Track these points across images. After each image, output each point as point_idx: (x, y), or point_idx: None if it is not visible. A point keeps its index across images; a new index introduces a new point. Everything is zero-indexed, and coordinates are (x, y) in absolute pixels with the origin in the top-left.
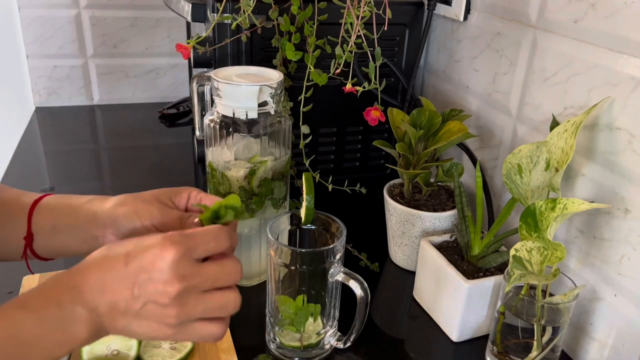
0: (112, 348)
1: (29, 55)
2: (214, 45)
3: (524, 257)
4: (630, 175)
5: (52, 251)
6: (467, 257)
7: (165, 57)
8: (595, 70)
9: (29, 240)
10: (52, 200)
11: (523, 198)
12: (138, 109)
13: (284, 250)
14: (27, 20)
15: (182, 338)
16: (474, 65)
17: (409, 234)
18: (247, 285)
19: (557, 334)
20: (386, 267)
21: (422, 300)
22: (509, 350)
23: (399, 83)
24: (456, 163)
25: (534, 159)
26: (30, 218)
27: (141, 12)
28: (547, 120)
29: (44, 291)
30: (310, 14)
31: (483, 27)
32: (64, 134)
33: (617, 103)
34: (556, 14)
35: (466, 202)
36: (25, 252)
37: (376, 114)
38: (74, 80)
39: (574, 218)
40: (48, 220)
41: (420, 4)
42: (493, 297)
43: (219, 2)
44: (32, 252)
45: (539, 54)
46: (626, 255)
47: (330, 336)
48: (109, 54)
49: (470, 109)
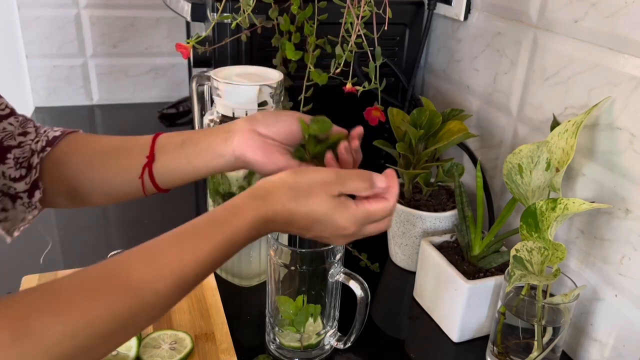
0: None
1: (28, 55)
2: (213, 45)
3: (524, 257)
4: (631, 175)
5: (172, 171)
6: (468, 257)
7: (164, 57)
8: (595, 70)
9: (151, 159)
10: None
11: (524, 198)
12: (137, 109)
13: (284, 250)
14: (26, 20)
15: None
16: (474, 65)
17: (410, 234)
18: (247, 286)
19: (557, 335)
20: (386, 268)
21: (423, 300)
22: (510, 351)
23: (399, 83)
24: (456, 163)
25: (534, 159)
26: (154, 140)
27: (141, 12)
28: (548, 120)
29: (246, 223)
30: (310, 14)
31: (483, 26)
32: None
33: (617, 103)
34: (557, 13)
35: (467, 202)
36: (143, 174)
37: (376, 113)
38: (74, 80)
39: (575, 218)
40: (177, 137)
41: (420, 4)
42: (493, 298)
43: (218, 2)
44: (150, 175)
45: (540, 54)
46: (627, 256)
47: (330, 337)
48: (108, 53)
49: (470, 109)
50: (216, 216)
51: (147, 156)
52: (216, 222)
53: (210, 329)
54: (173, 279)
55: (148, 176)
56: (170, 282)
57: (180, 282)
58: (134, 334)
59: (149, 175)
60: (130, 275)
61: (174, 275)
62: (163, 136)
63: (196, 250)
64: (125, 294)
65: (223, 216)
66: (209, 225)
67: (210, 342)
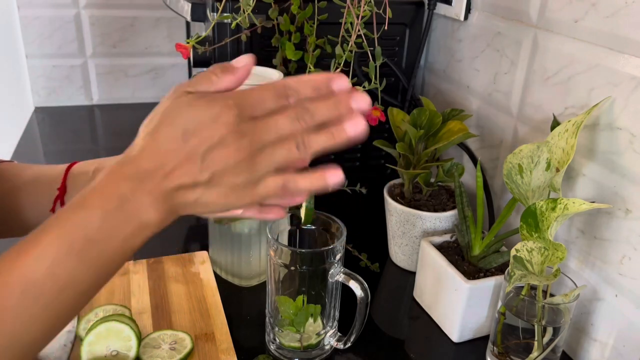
0: (112, 349)
1: (28, 55)
2: (213, 44)
3: (524, 257)
4: (631, 175)
5: None
6: (468, 257)
7: (164, 57)
8: (596, 70)
9: (62, 191)
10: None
11: (524, 198)
12: (137, 109)
13: (284, 250)
14: (26, 20)
15: (255, 194)
16: (474, 64)
17: (409, 234)
18: (246, 286)
19: (557, 335)
20: (386, 268)
21: (423, 300)
22: (510, 351)
23: (399, 83)
24: (457, 163)
25: (534, 159)
26: (68, 170)
27: (141, 12)
28: (548, 120)
29: (101, 188)
30: (310, 14)
31: (484, 26)
32: (63, 134)
33: (617, 103)
34: (557, 13)
35: (467, 202)
36: (54, 206)
37: (376, 113)
38: (74, 80)
39: (575, 218)
40: (91, 166)
41: (420, 4)
42: (493, 298)
43: (218, 2)
44: (62, 204)
45: (540, 54)
46: (627, 256)
47: (330, 337)
48: (108, 53)
49: (470, 109)
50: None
51: (59, 188)
52: (63, 211)
53: (210, 329)
54: (20, 288)
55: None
56: (18, 292)
57: (30, 290)
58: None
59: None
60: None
61: (20, 285)
62: (77, 165)
63: (40, 248)
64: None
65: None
66: (55, 216)
67: (210, 342)
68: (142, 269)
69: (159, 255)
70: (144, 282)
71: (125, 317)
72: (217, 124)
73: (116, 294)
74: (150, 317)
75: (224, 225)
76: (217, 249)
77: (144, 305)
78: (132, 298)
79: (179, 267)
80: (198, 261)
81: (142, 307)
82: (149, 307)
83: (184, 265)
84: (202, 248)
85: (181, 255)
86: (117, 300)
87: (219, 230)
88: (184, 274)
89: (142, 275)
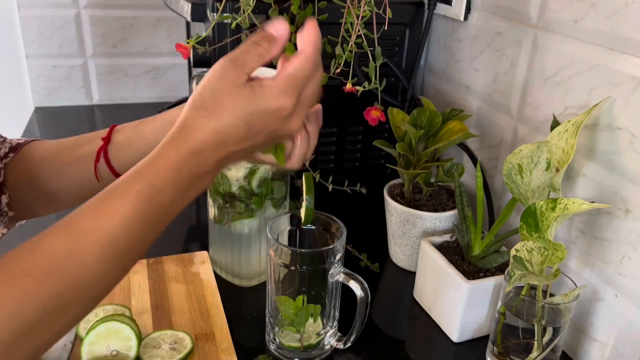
0: (112, 348)
1: (28, 55)
2: (213, 44)
3: (524, 257)
4: (631, 175)
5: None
6: (468, 257)
7: (164, 57)
8: (595, 70)
9: (107, 141)
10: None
11: (524, 198)
12: (138, 109)
13: (284, 250)
14: (26, 20)
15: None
16: (474, 65)
17: (409, 234)
18: (246, 286)
19: (557, 335)
20: (386, 268)
21: (423, 300)
22: (510, 351)
23: (399, 83)
24: (457, 163)
25: (534, 159)
26: (114, 126)
27: (141, 12)
28: (548, 120)
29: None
30: (310, 14)
31: (483, 26)
32: (64, 134)
33: (617, 103)
34: (557, 13)
35: (467, 202)
36: (99, 157)
37: (376, 113)
38: (74, 80)
39: (575, 218)
40: (135, 122)
41: (420, 4)
42: (493, 298)
43: (218, 2)
44: (105, 157)
45: (540, 54)
46: (627, 256)
47: (330, 337)
48: (108, 53)
49: (470, 109)
50: (137, 166)
51: (103, 138)
52: (135, 172)
53: (210, 329)
54: (98, 247)
55: (103, 158)
56: (97, 251)
57: (109, 249)
58: (80, 313)
59: (104, 157)
60: (49, 254)
61: (99, 244)
62: (123, 124)
63: (116, 210)
64: (49, 276)
65: (142, 164)
66: (128, 177)
67: (210, 342)
68: (142, 268)
69: (159, 255)
70: (144, 282)
71: (126, 317)
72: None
73: (116, 294)
74: (151, 317)
75: (224, 225)
76: (217, 249)
77: (144, 305)
78: (132, 298)
79: (179, 267)
80: (198, 261)
81: (142, 307)
82: (149, 307)
83: (184, 265)
84: (202, 248)
85: (181, 255)
86: (117, 300)
87: (219, 230)
88: (184, 273)
89: (142, 275)
